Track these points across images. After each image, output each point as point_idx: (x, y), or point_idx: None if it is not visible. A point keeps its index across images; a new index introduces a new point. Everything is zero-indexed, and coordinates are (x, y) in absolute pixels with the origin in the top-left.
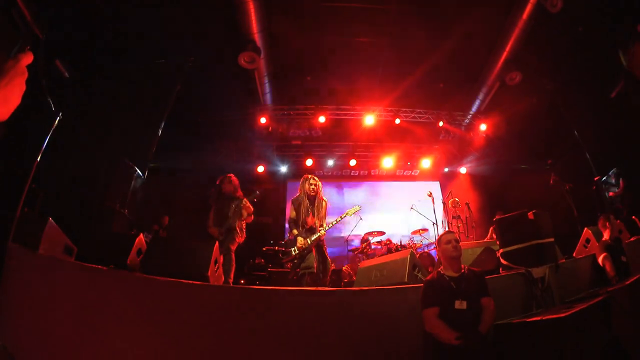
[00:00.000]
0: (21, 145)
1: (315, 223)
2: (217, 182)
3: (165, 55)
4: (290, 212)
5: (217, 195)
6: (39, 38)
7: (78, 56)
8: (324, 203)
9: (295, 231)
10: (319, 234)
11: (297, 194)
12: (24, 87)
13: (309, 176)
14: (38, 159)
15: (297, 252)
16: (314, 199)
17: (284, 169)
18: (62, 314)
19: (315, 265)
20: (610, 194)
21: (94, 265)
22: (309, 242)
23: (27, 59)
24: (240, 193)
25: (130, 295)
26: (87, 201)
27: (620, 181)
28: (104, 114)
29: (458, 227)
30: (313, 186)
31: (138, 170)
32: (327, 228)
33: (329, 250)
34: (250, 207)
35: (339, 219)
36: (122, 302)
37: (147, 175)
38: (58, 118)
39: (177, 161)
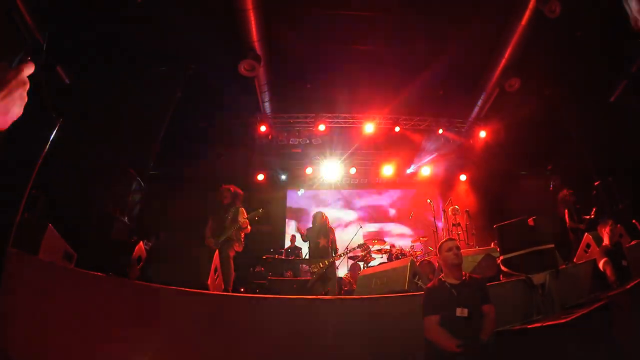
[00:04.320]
0: (21, 151)
1: (325, 243)
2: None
3: (165, 63)
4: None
5: (215, 206)
6: (40, 43)
7: (79, 63)
8: (333, 230)
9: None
10: (333, 257)
11: (311, 226)
12: (25, 99)
13: (322, 212)
14: (38, 165)
15: (319, 268)
16: (324, 226)
17: (284, 177)
18: (61, 320)
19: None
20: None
21: (94, 272)
22: (327, 263)
23: (29, 69)
24: (238, 203)
25: (129, 302)
26: (87, 208)
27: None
28: (104, 120)
29: (458, 234)
30: (324, 218)
31: (138, 178)
32: (340, 254)
33: None
34: (246, 218)
35: (346, 251)
36: (122, 310)
37: (147, 183)
38: (58, 124)
39: (177, 168)
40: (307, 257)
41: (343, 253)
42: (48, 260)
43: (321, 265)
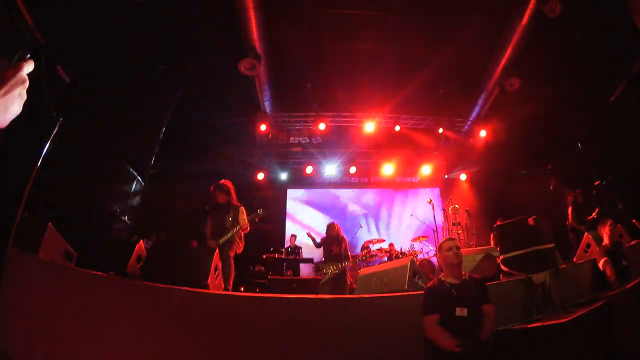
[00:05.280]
0: (21, 150)
1: (338, 251)
2: (211, 189)
3: (166, 62)
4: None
5: (213, 205)
6: (40, 43)
7: (79, 62)
8: (344, 239)
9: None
10: (346, 263)
11: (325, 236)
12: (24, 97)
13: (334, 223)
14: (38, 164)
15: (332, 269)
16: (337, 236)
17: (284, 176)
18: (61, 320)
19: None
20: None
21: (94, 272)
22: (340, 266)
23: (28, 67)
24: (235, 200)
25: (129, 302)
26: (88, 207)
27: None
28: (104, 120)
29: (458, 233)
30: (336, 229)
31: (138, 177)
32: (352, 261)
33: None
34: (247, 219)
35: (358, 259)
36: (122, 309)
37: (147, 182)
38: (58, 123)
39: (178, 168)
40: (322, 261)
41: (361, 258)
42: (48, 259)
43: (334, 268)
